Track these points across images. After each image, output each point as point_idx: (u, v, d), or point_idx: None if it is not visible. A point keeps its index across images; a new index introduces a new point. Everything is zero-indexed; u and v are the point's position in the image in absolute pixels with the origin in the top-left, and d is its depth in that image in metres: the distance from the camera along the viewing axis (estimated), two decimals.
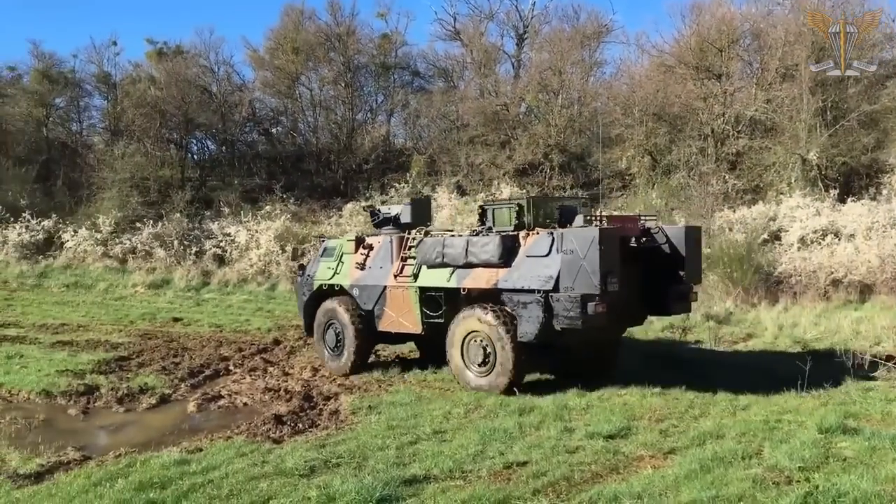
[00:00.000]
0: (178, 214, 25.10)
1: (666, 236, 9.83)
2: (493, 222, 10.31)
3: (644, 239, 9.75)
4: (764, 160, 22.12)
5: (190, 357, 12.57)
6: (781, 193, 20.52)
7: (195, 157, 32.74)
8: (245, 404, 9.67)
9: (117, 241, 24.21)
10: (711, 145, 22.97)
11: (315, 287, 11.98)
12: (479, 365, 9.76)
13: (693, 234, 10.10)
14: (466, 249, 9.86)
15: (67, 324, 16.07)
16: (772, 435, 7.14)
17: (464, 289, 9.99)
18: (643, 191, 22.47)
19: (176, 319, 16.74)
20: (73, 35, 64.40)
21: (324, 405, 9.30)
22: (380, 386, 10.28)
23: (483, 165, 26.15)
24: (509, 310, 9.56)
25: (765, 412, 8.12)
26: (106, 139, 32.06)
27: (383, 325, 11.12)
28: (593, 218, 9.74)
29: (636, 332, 14.36)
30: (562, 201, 11.40)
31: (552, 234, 9.37)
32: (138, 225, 24.67)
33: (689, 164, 22.93)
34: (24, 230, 24.83)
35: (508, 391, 9.41)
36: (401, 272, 10.79)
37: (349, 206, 25.39)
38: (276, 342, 13.97)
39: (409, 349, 12.71)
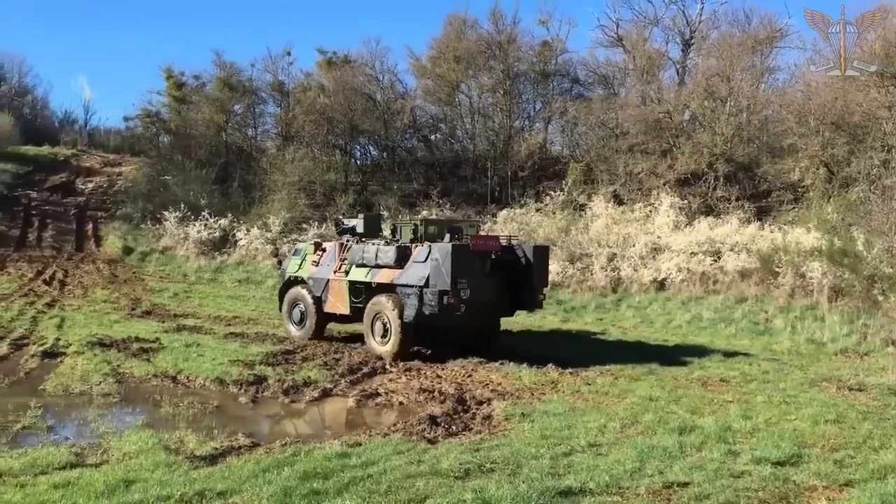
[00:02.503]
0: (341, 217, 26.18)
1: (523, 252, 13.32)
2: (400, 236, 13.88)
3: (500, 253, 13.03)
4: None
5: (349, 354, 13.00)
6: None
7: (358, 162, 34.05)
8: (401, 403, 9.88)
9: (285, 240, 25.55)
10: None
11: (286, 277, 15.40)
12: (381, 337, 13.14)
13: (541, 252, 13.87)
14: (377, 255, 13.28)
15: (239, 316, 17.11)
16: None
17: (374, 283, 13.35)
18: (817, 204, 21.06)
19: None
20: (253, 46, 68.74)
21: (477, 409, 9.33)
22: (532, 394, 10.21)
23: (642, 174, 25.48)
24: (400, 299, 12.86)
25: None
26: (278, 144, 33.96)
27: (326, 308, 14.45)
28: (457, 236, 13.22)
29: (804, 353, 13.59)
30: (451, 223, 14.82)
31: (429, 246, 12.70)
32: (304, 226, 25.97)
33: (870, 177, 21.26)
34: (203, 228, 26.73)
35: (398, 356, 12.66)
36: (339, 269, 14.13)
37: (504, 212, 25.53)
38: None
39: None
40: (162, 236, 27.88)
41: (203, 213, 27.16)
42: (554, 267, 20.69)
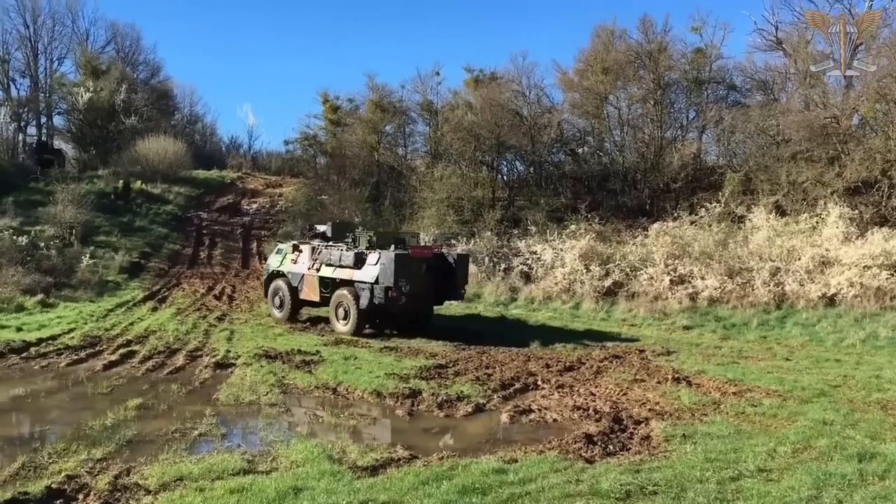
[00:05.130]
0: (489, 233, 26.34)
1: (452, 258, 17.40)
2: (359, 243, 17.49)
3: (432, 259, 17.04)
4: None
5: (500, 369, 12.99)
6: None
7: (505, 177, 34.12)
8: (554, 420, 9.75)
9: None
10: None
11: (270, 271, 19.49)
12: (342, 320, 17.05)
13: (463, 258, 18.00)
14: (340, 257, 17.16)
15: (393, 331, 17.52)
16: None
17: (338, 278, 17.26)
18: None
19: (486, 332, 17.48)
20: (403, 67, 71.09)
21: (634, 429, 9.06)
22: (692, 414, 9.80)
23: (807, 184, 23.97)
24: (357, 291, 16.68)
25: None
26: (427, 162, 34.72)
27: (301, 296, 18.38)
28: (401, 245, 16.82)
29: None
30: (397, 234, 19.35)
31: (379, 253, 16.48)
32: (453, 242, 26.29)
33: None
34: None
35: (355, 334, 16.57)
36: (312, 267, 18.02)
37: (656, 225, 24.75)
38: (581, 361, 13.95)
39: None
40: None
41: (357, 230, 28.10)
42: (711, 282, 19.92)
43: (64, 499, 6.46)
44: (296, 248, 18.92)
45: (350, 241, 17.88)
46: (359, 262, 16.73)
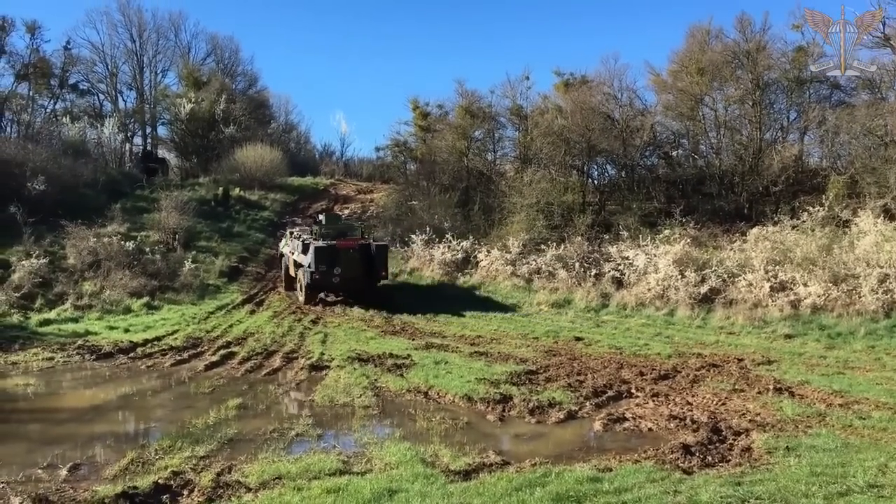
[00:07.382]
0: (579, 238, 25.99)
1: (374, 247, 22.16)
2: (313, 233, 22.70)
3: (358, 248, 21.90)
4: None
5: (592, 376, 12.79)
6: None
7: (595, 181, 33.65)
8: (650, 429, 9.54)
9: (524, 261, 25.84)
10: None
11: (280, 251, 26.43)
12: (300, 292, 22.41)
13: (382, 247, 22.75)
14: (297, 245, 22.26)
15: (482, 336, 17.52)
16: None
17: (297, 261, 22.55)
18: None
19: (577, 339, 17.24)
20: (492, 73, 71.15)
21: (734, 440, 8.76)
22: (796, 426, 9.40)
23: None
24: (303, 272, 21.66)
25: None
26: (516, 167, 34.55)
27: (290, 273, 24.12)
28: (343, 237, 22.78)
29: None
30: (346, 226, 24.53)
31: (316, 242, 21.35)
32: (543, 247, 26.09)
33: None
34: (446, 250, 27.83)
35: (306, 303, 21.96)
36: (293, 251, 23.14)
37: (755, 230, 23.89)
38: (676, 370, 13.59)
39: None
40: (410, 258, 29.35)
41: (447, 236, 28.26)
42: (814, 289, 19.09)
43: (170, 494, 6.72)
44: (290, 235, 24.84)
45: (311, 231, 23.21)
46: (305, 249, 21.71)
